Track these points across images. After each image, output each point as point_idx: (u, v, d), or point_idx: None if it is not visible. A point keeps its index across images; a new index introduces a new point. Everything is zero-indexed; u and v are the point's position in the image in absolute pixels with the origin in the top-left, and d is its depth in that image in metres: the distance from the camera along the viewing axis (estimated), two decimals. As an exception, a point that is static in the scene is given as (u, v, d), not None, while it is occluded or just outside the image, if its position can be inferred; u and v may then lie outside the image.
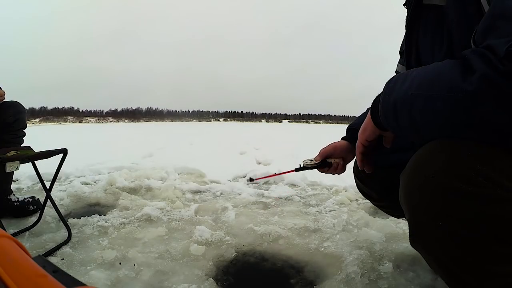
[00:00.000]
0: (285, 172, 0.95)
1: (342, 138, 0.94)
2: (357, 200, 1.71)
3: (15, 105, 1.34)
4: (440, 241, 0.48)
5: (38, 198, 1.43)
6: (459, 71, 0.45)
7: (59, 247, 1.04)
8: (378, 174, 0.92)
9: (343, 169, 0.92)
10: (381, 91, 0.58)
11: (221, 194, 1.84)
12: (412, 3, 0.70)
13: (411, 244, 0.54)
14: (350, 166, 0.97)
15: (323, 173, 0.93)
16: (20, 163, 1.03)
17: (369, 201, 1.63)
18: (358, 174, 1.01)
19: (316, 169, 0.89)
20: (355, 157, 1.02)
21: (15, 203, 1.35)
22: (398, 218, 1.20)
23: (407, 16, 0.74)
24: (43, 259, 0.25)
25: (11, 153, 1.02)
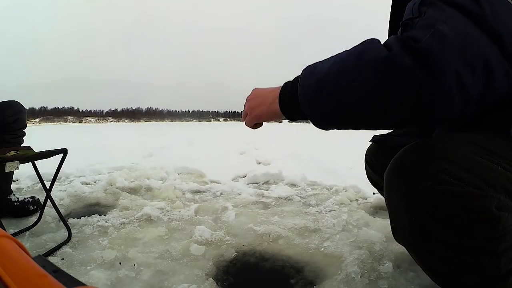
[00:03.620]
0: None
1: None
2: (357, 200, 1.71)
3: (14, 105, 1.34)
4: (415, 237, 0.52)
5: (38, 198, 1.43)
6: (379, 47, 0.47)
7: (59, 247, 1.04)
8: (386, 159, 0.93)
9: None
10: (294, 78, 0.56)
11: (221, 194, 1.84)
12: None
13: (396, 240, 0.58)
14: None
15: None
16: (20, 163, 1.03)
17: (369, 201, 1.64)
18: (370, 162, 1.02)
19: None
20: (366, 149, 1.04)
21: (15, 203, 1.35)
22: None
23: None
24: (43, 259, 0.25)
25: (11, 153, 1.02)
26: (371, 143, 1.04)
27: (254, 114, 0.62)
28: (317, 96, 0.50)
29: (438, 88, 0.43)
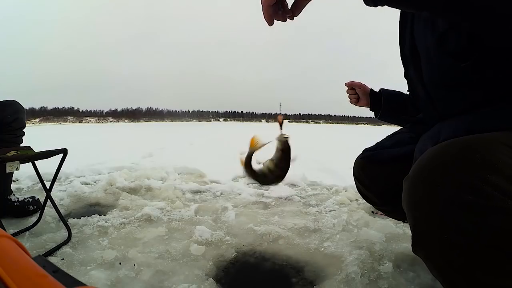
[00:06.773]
0: None
1: (371, 90, 1.07)
2: (357, 200, 1.70)
3: (13, 104, 1.34)
4: (442, 252, 0.47)
5: (38, 198, 1.43)
6: None
7: (59, 247, 1.04)
8: (378, 175, 0.91)
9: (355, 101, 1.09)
10: None
11: (221, 194, 1.84)
12: None
13: (413, 251, 0.53)
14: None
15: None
16: (20, 163, 1.03)
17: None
18: (359, 177, 0.99)
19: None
20: (353, 164, 1.01)
21: (15, 203, 1.35)
22: (403, 221, 1.20)
23: None
24: (43, 259, 0.25)
25: (11, 153, 1.02)
26: (358, 158, 1.00)
27: None
28: None
29: None
